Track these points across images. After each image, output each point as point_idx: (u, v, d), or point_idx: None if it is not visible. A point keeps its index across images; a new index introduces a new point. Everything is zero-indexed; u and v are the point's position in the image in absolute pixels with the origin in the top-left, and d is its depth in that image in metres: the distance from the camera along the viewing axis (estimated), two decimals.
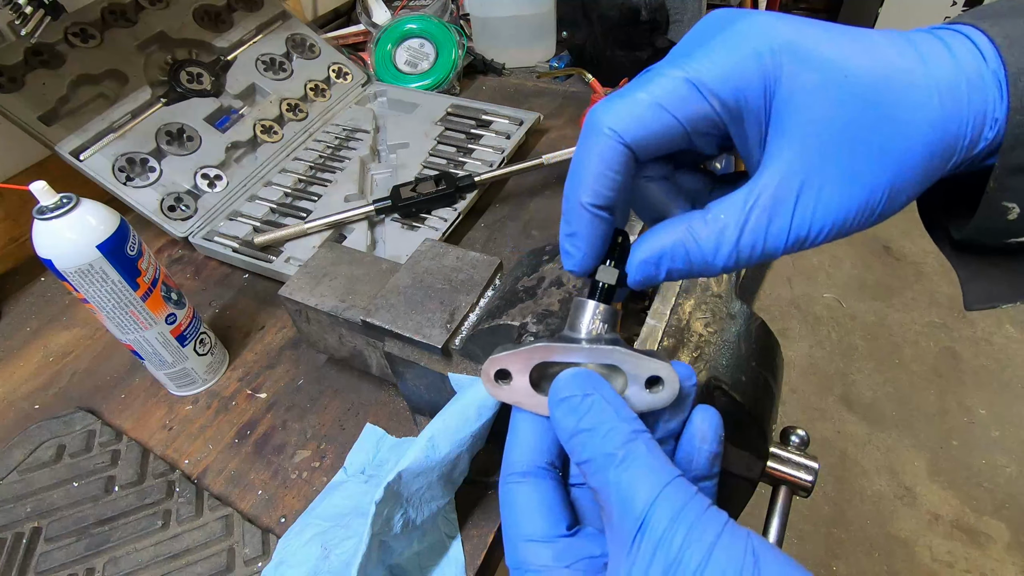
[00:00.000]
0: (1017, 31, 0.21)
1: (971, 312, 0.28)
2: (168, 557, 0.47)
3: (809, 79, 0.22)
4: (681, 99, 0.22)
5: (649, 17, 0.92)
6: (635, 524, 0.21)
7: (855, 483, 1.52)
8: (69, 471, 0.53)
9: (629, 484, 0.22)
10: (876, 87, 0.21)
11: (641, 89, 0.23)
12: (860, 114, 0.21)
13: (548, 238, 0.73)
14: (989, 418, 1.62)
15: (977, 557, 1.36)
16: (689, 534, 0.20)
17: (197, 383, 0.60)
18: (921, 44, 0.22)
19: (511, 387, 0.28)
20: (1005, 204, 0.23)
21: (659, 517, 0.21)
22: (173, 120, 0.80)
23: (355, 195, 0.78)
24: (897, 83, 0.21)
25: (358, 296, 0.50)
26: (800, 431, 0.45)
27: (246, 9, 0.92)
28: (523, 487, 0.26)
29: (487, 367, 0.28)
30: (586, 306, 0.27)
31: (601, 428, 0.23)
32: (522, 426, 0.28)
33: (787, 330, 1.91)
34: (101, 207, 0.48)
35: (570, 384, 0.25)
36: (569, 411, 0.24)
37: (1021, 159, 0.22)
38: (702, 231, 0.23)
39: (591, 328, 0.27)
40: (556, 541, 0.25)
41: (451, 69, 1.00)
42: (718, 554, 0.20)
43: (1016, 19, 0.22)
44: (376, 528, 0.38)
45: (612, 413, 0.24)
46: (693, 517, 0.21)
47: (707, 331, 0.39)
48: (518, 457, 0.27)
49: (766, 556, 0.20)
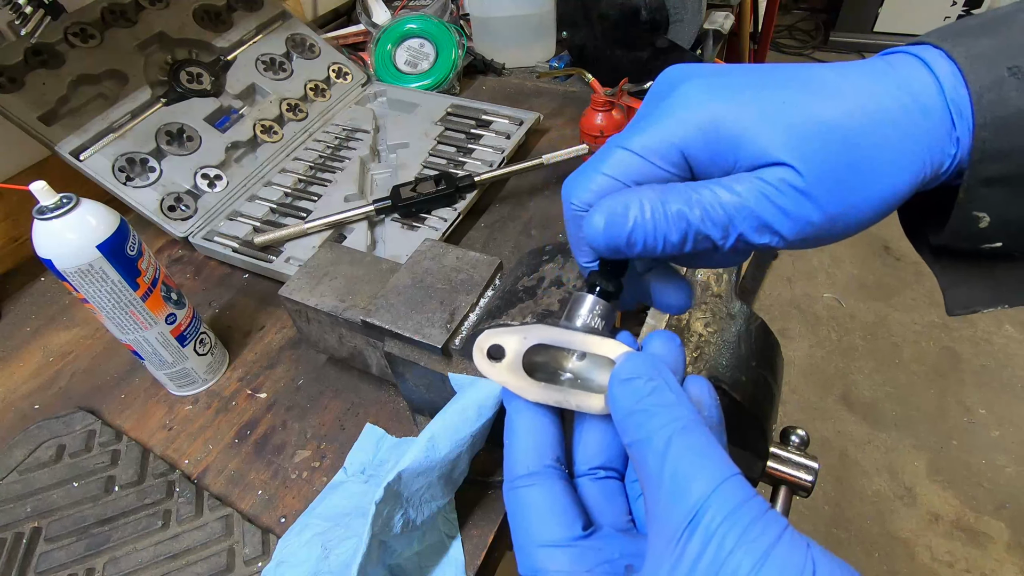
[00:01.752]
0: (978, 48, 0.22)
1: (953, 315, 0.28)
2: (168, 557, 0.47)
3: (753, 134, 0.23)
4: (630, 168, 0.24)
5: (649, 17, 0.92)
6: (686, 516, 0.20)
7: (855, 483, 1.52)
8: (69, 471, 0.53)
9: (686, 473, 0.20)
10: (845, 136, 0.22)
11: (595, 163, 0.25)
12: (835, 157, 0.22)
13: (548, 238, 0.73)
14: (989, 418, 1.62)
15: (977, 557, 1.36)
16: (744, 535, 0.19)
17: (197, 383, 0.60)
18: (862, 78, 0.23)
19: (502, 365, 0.27)
20: (976, 214, 0.23)
21: (714, 512, 0.19)
22: (173, 120, 0.80)
23: (355, 195, 0.78)
24: (857, 130, 0.22)
25: (358, 296, 0.50)
26: (800, 431, 0.45)
27: (246, 9, 0.92)
28: (531, 490, 0.25)
29: (481, 340, 0.27)
30: (584, 300, 0.27)
31: (661, 412, 0.22)
32: (520, 424, 0.27)
33: (787, 330, 1.91)
34: (101, 207, 0.48)
35: (635, 366, 0.24)
36: (630, 392, 0.23)
37: (988, 171, 0.22)
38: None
39: (588, 322, 0.27)
40: (573, 544, 0.24)
41: (451, 69, 1.00)
42: (773, 561, 0.18)
43: (978, 37, 0.22)
44: (376, 528, 0.38)
45: (674, 398, 0.23)
46: (750, 518, 0.19)
47: (707, 331, 0.39)
48: (522, 458, 0.26)
49: (826, 570, 0.18)
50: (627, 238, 0.24)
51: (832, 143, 0.22)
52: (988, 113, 0.21)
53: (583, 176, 0.26)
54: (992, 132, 0.22)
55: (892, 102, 0.22)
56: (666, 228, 0.23)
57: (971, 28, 0.23)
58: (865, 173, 0.22)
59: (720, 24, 1.13)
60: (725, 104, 0.23)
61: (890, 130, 0.22)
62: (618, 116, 0.79)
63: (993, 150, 0.22)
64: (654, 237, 0.24)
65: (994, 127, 0.21)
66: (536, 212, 0.77)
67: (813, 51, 3.30)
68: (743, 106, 0.23)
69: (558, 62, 1.08)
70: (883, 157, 0.22)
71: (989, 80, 0.21)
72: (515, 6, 1.02)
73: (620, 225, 0.24)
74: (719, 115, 0.23)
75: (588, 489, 0.26)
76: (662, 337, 0.26)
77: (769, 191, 0.22)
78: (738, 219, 0.23)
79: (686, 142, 0.24)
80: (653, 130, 0.24)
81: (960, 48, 0.22)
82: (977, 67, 0.22)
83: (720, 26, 1.13)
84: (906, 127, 0.22)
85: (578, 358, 0.27)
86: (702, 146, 0.23)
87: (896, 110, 0.22)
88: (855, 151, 0.22)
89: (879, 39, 3.16)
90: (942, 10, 2.93)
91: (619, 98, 0.78)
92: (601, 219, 0.24)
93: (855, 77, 0.23)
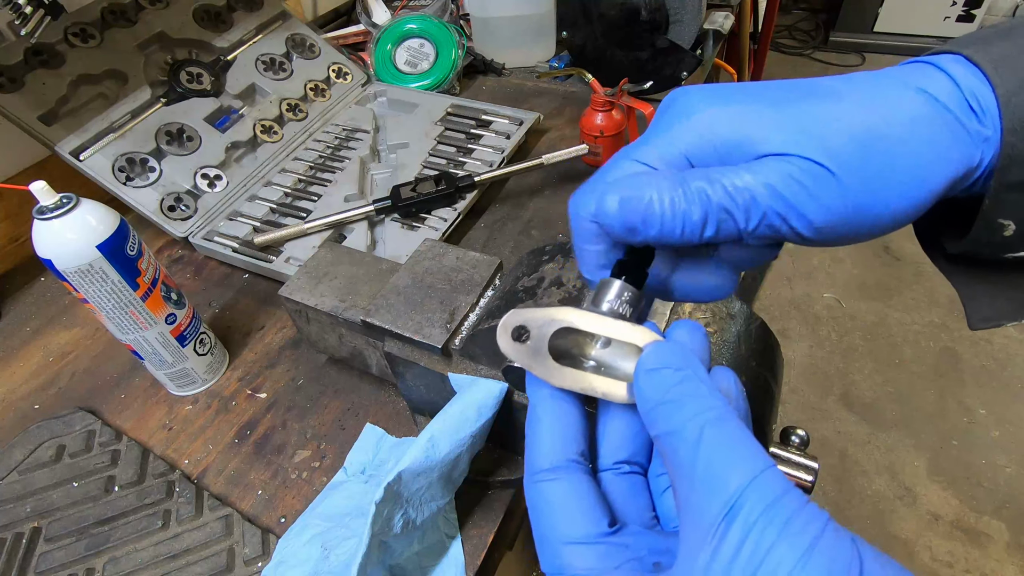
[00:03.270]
0: (1003, 52, 0.21)
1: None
2: (168, 557, 0.47)
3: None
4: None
5: (649, 17, 0.92)
6: (722, 509, 0.19)
7: (855, 483, 1.52)
8: (69, 471, 0.53)
9: (722, 464, 0.19)
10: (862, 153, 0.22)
11: (602, 175, 0.25)
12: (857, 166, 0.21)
13: (548, 238, 0.73)
14: (989, 418, 1.62)
15: (977, 557, 1.36)
16: (786, 528, 0.18)
17: (197, 383, 0.60)
18: (887, 92, 0.22)
19: (526, 347, 0.25)
20: (1001, 221, 0.23)
21: (753, 504, 0.18)
22: (173, 120, 0.80)
23: (355, 195, 0.78)
24: (878, 147, 0.21)
25: (358, 296, 0.50)
26: (800, 431, 0.45)
27: (246, 9, 0.92)
28: (556, 484, 0.24)
29: (508, 319, 0.26)
30: (612, 285, 0.26)
31: (691, 402, 0.21)
32: (544, 416, 0.26)
33: (787, 330, 1.91)
34: (101, 207, 0.48)
35: (662, 355, 0.23)
36: (658, 382, 0.22)
37: (1016, 177, 0.22)
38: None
39: (615, 308, 0.25)
40: (600, 541, 0.23)
41: (451, 69, 1.00)
42: (818, 556, 0.17)
43: (1000, 42, 0.22)
44: (376, 528, 0.38)
45: (704, 389, 0.22)
46: (791, 512, 0.18)
47: (707, 331, 0.39)
48: (547, 451, 0.25)
49: (873, 566, 0.17)
50: (643, 215, 0.22)
51: (851, 144, 0.21)
52: (1017, 118, 0.21)
53: (590, 187, 0.25)
54: (1021, 137, 0.21)
55: (913, 101, 0.22)
56: (686, 205, 0.22)
57: (988, 36, 0.23)
58: (888, 173, 0.21)
59: (720, 24, 1.13)
60: (732, 109, 0.23)
61: (917, 127, 0.21)
62: (618, 116, 0.79)
63: (1021, 155, 0.21)
64: (672, 215, 0.22)
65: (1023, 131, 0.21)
66: (536, 212, 0.77)
67: (813, 51, 3.30)
68: (752, 111, 0.22)
69: (558, 62, 1.08)
70: (907, 158, 0.21)
71: (1016, 83, 0.21)
72: (515, 6, 1.02)
73: (636, 200, 0.23)
74: (726, 120, 0.23)
75: (612, 484, 0.26)
76: (687, 326, 0.25)
77: (794, 172, 0.21)
78: (763, 199, 0.21)
79: (693, 149, 0.23)
80: (659, 140, 0.24)
81: (981, 53, 0.22)
82: (1002, 71, 0.21)
83: (720, 26, 1.13)
84: (932, 125, 0.21)
85: (602, 345, 0.26)
86: (711, 152, 0.23)
87: (918, 108, 0.21)
88: (877, 152, 0.21)
89: (879, 39, 3.16)
90: (942, 10, 2.93)
91: (619, 98, 0.78)
92: (615, 197, 0.23)
93: (867, 83, 0.23)
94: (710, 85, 0.25)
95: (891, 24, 3.10)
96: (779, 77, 1.11)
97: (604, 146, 0.80)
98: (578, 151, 0.75)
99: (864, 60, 3.18)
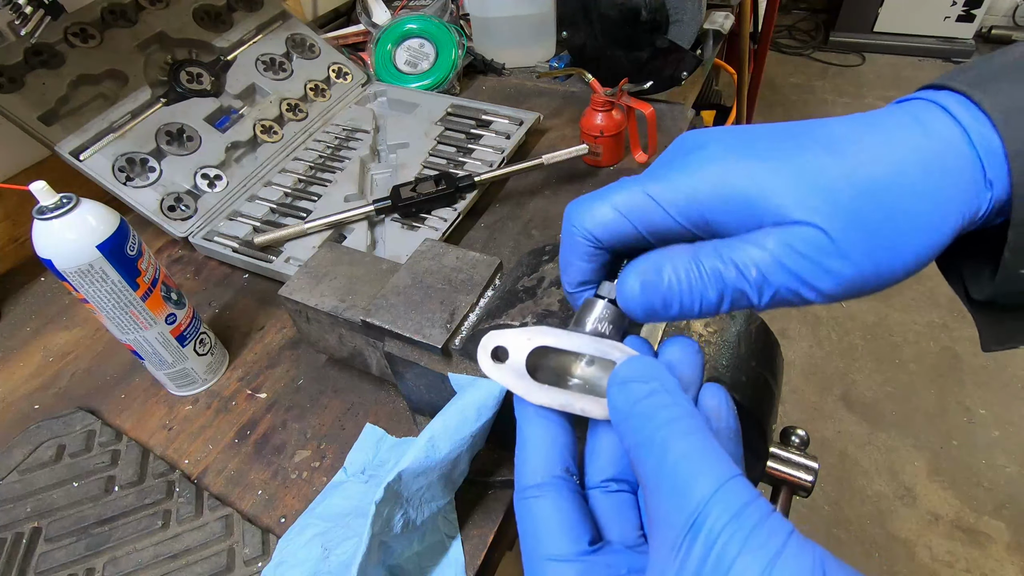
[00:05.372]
0: (1012, 101, 0.21)
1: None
2: (168, 557, 0.47)
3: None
4: (644, 211, 0.24)
5: (649, 17, 0.92)
6: (687, 521, 0.19)
7: (855, 483, 1.52)
8: (69, 471, 0.53)
9: (686, 475, 0.20)
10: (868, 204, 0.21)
11: (607, 194, 0.25)
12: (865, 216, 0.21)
13: (548, 238, 0.73)
14: (989, 418, 1.62)
15: (977, 557, 1.36)
16: (749, 540, 0.18)
17: (197, 383, 0.60)
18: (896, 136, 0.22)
19: (505, 366, 0.26)
20: (1022, 272, 0.23)
21: (716, 515, 0.18)
22: (173, 120, 0.80)
23: (355, 195, 0.78)
24: (886, 183, 0.21)
25: (358, 296, 0.50)
26: (800, 431, 0.45)
27: (246, 9, 0.92)
28: (540, 502, 0.25)
29: (486, 341, 0.27)
30: (594, 305, 0.27)
31: (659, 413, 0.22)
32: (531, 432, 0.26)
33: (787, 330, 1.91)
34: (101, 207, 0.48)
35: (632, 369, 0.24)
36: (627, 395, 0.23)
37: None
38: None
39: (596, 327, 0.26)
40: (579, 559, 0.23)
41: (451, 69, 1.00)
42: (781, 568, 0.17)
43: (1010, 84, 0.22)
44: (376, 528, 0.38)
45: (670, 400, 0.22)
46: (754, 522, 0.18)
47: (707, 331, 0.39)
48: (532, 468, 0.26)
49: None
50: (663, 299, 0.23)
51: (860, 198, 0.21)
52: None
53: (591, 202, 0.25)
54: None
55: (918, 152, 0.22)
56: (702, 288, 0.23)
57: (994, 73, 0.22)
58: (898, 225, 0.21)
59: (720, 24, 1.13)
60: (746, 164, 0.23)
61: (922, 180, 0.21)
62: (618, 116, 0.79)
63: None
64: (691, 297, 0.23)
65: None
66: (536, 212, 0.77)
67: (813, 51, 3.30)
68: (765, 168, 0.22)
69: (558, 62, 1.08)
70: (916, 208, 0.21)
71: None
72: (515, 6, 1.02)
73: (655, 285, 0.23)
74: (741, 174, 0.23)
75: (599, 502, 0.26)
76: (679, 343, 0.26)
77: (799, 245, 0.21)
78: (772, 275, 0.22)
79: (704, 200, 0.23)
80: (671, 182, 0.24)
81: (990, 99, 0.21)
82: (1013, 122, 0.21)
83: (720, 26, 1.13)
84: (938, 175, 0.21)
85: (587, 364, 0.27)
86: (720, 205, 0.23)
87: (925, 159, 0.21)
88: (886, 204, 0.21)
89: (879, 39, 3.16)
90: (942, 10, 2.93)
91: (619, 98, 0.78)
92: (636, 282, 0.24)
93: (873, 130, 0.22)
94: (729, 130, 0.24)
95: (891, 24, 3.10)
96: (779, 77, 1.11)
97: (604, 146, 0.80)
98: (578, 151, 0.75)
99: (864, 60, 3.18)
